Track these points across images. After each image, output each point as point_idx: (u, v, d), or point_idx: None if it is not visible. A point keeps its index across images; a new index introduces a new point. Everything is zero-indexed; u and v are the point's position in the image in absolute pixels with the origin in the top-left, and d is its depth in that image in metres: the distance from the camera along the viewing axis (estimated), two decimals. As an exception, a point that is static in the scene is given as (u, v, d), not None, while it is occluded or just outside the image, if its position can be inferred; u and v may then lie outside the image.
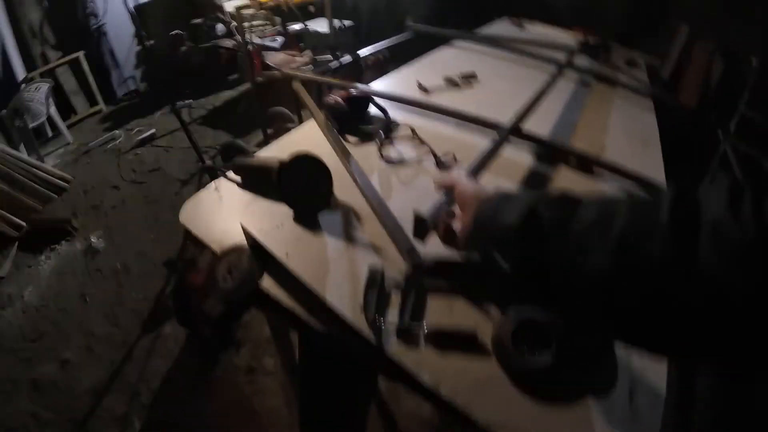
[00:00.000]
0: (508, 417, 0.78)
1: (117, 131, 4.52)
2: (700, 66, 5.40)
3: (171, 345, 2.40)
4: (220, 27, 5.30)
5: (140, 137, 4.25)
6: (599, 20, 7.18)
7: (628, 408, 0.82)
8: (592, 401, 0.82)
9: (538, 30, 3.97)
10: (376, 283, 0.96)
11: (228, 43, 5.02)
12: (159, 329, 2.48)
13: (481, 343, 0.88)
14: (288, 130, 3.10)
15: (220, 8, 5.40)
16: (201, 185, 3.18)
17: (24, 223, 3.26)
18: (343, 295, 0.96)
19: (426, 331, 0.88)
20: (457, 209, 0.82)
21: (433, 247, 0.99)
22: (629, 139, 2.00)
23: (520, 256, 0.60)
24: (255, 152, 1.48)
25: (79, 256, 3.06)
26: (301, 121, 3.11)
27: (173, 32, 5.16)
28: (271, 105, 3.25)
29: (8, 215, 3.20)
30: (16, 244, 3.16)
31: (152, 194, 3.49)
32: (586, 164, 1.64)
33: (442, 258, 1.02)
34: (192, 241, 1.11)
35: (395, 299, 0.96)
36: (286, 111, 3.18)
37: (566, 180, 1.54)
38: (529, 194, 0.63)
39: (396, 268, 1.03)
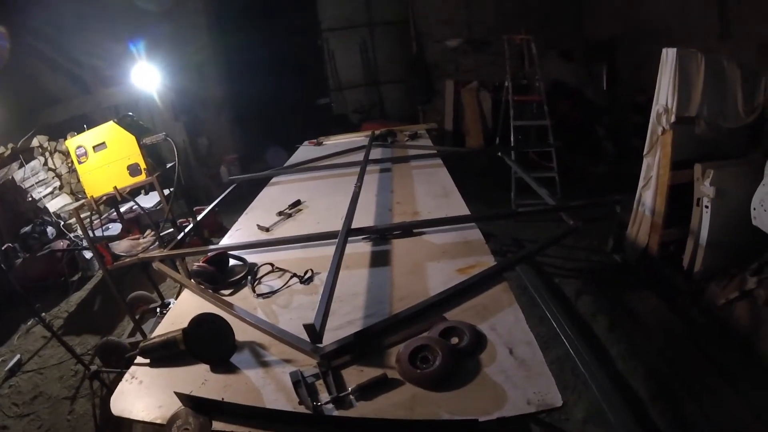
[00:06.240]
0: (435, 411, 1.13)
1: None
2: (471, 105, 7.01)
3: None
4: (50, 230, 5.15)
5: (7, 367, 3.76)
6: (381, 114, 8.70)
7: (514, 361, 1.23)
8: (487, 372, 1.21)
9: (334, 141, 4.71)
10: (300, 382, 1.25)
11: (63, 244, 4.89)
12: None
13: (392, 377, 1.23)
14: (153, 310, 3.17)
15: (45, 211, 5.27)
16: (93, 394, 2.99)
17: None
18: (281, 400, 1.21)
19: (350, 390, 1.19)
20: None
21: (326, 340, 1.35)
22: (433, 196, 2.65)
23: None
24: (131, 342, 1.64)
25: None
26: (162, 298, 3.20)
27: (3, 247, 4.80)
28: (128, 291, 3.27)
29: None
30: None
31: (45, 423, 3.10)
32: (409, 230, 2.17)
33: (338, 341, 1.36)
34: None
35: (319, 385, 1.25)
36: (146, 293, 3.24)
37: (399, 247, 2.02)
38: None
39: (309, 364, 1.33)
